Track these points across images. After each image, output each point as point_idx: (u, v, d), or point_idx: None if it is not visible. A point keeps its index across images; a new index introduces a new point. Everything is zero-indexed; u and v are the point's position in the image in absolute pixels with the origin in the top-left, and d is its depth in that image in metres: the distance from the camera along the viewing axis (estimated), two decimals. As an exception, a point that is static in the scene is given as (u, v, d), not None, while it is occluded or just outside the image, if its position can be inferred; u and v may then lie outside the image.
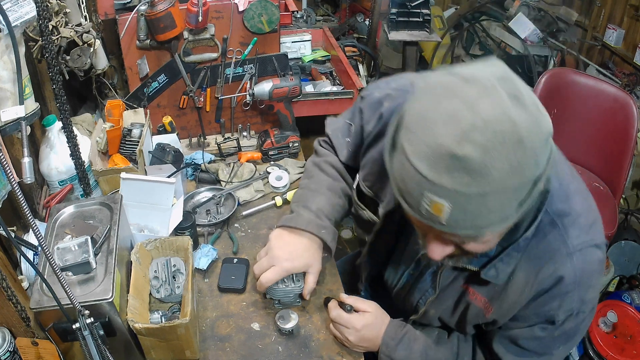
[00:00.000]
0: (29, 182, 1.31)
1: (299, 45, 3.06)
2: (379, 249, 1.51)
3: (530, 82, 4.30)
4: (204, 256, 1.85)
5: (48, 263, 1.33)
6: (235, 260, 1.86)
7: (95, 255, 1.39)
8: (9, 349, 1.25)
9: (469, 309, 1.34)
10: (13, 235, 1.44)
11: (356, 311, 1.53)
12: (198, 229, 1.98)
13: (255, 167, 2.31)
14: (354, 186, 1.54)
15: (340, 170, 1.66)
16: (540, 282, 1.18)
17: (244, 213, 2.10)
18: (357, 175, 1.54)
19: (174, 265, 1.63)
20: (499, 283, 1.23)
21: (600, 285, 1.34)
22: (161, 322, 1.56)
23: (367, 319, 1.50)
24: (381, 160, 1.20)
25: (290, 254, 1.51)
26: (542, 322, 1.24)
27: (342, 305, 1.53)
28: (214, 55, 2.26)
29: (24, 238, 1.61)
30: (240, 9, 2.17)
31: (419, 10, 2.80)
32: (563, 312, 1.20)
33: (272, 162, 2.37)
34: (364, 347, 1.53)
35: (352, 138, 1.58)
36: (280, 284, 1.57)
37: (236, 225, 2.07)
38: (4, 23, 1.20)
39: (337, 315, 1.52)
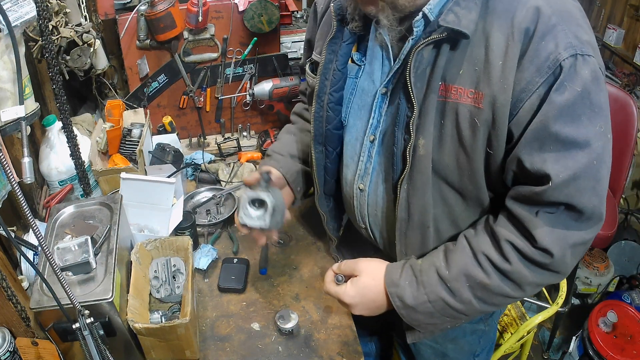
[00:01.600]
0: (29, 182, 1.31)
1: (299, 45, 3.05)
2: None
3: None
4: (204, 256, 1.85)
5: (48, 263, 1.33)
6: (235, 260, 1.86)
7: (95, 255, 1.39)
8: (9, 349, 1.25)
9: (459, 119, 1.12)
10: (13, 235, 1.44)
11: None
12: (198, 229, 1.98)
13: (255, 167, 2.31)
14: (306, 62, 1.50)
15: (298, 112, 1.77)
16: (519, 26, 1.03)
17: (244, 213, 2.10)
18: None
19: (174, 265, 1.63)
20: (468, 33, 1.05)
21: (589, 28, 1.08)
22: (161, 322, 1.56)
23: (358, 284, 1.29)
24: (330, 22, 1.31)
25: None
26: (549, 81, 1.02)
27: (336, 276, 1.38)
28: (214, 55, 2.26)
29: (24, 238, 1.62)
30: (240, 9, 2.17)
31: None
32: (564, 50, 1.00)
33: (272, 162, 2.37)
34: (375, 311, 1.32)
35: (306, 35, 1.60)
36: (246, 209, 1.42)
37: (236, 225, 2.06)
38: (4, 23, 1.20)
39: (330, 289, 1.35)
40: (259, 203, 1.36)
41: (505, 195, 1.17)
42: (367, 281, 1.29)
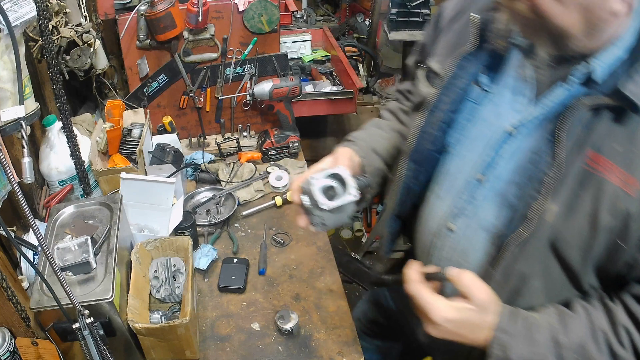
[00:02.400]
0: (29, 182, 1.31)
1: (299, 45, 3.06)
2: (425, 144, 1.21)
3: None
4: (204, 256, 1.85)
5: (48, 263, 1.33)
6: (235, 260, 1.86)
7: (95, 255, 1.39)
8: (9, 349, 1.25)
9: (601, 198, 0.97)
10: (13, 235, 1.44)
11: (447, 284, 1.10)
12: (198, 229, 1.98)
13: (255, 167, 2.31)
14: (421, 67, 1.30)
15: (393, 110, 1.53)
16: None
17: (244, 213, 2.10)
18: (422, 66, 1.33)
19: (174, 265, 1.63)
20: None
21: None
22: (161, 322, 1.56)
23: (464, 312, 1.05)
24: (461, 31, 1.18)
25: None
26: None
27: (431, 276, 1.11)
28: (214, 55, 2.26)
29: (24, 238, 1.61)
30: (240, 9, 2.17)
31: (419, 10, 2.80)
32: None
33: (272, 162, 2.37)
34: (454, 338, 1.09)
35: (423, 38, 1.39)
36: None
37: (236, 225, 2.07)
38: (4, 23, 1.20)
39: (420, 294, 1.08)
40: (332, 195, 1.14)
41: (615, 285, 1.06)
42: (474, 314, 1.05)
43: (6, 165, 0.98)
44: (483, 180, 1.12)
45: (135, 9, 2.04)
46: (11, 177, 0.97)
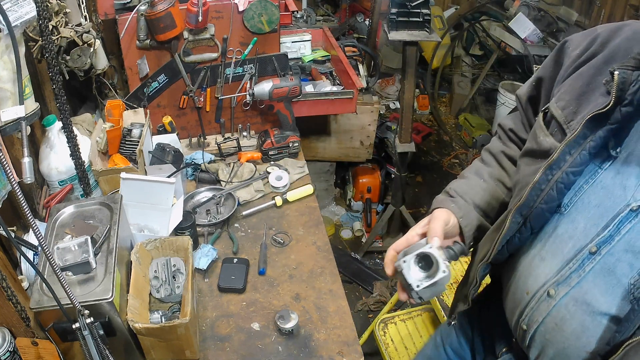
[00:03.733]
0: (29, 182, 1.31)
1: (299, 45, 3.06)
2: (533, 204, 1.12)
3: (531, 82, 4.29)
4: (204, 256, 1.85)
5: (48, 263, 1.33)
6: (235, 260, 1.86)
7: (95, 255, 1.39)
8: (9, 349, 1.25)
9: None
10: (13, 235, 1.44)
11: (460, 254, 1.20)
12: (198, 229, 1.98)
13: (255, 167, 2.31)
14: (541, 110, 1.19)
15: (495, 153, 1.42)
16: None
17: (244, 213, 2.10)
18: (543, 105, 1.22)
19: (174, 265, 1.63)
20: None
21: None
22: (161, 322, 1.56)
23: None
24: (589, 78, 1.07)
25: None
26: None
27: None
28: (214, 55, 2.26)
29: (24, 238, 1.61)
30: (240, 9, 2.17)
31: (419, 10, 2.79)
32: None
33: (272, 162, 2.37)
34: None
35: (540, 71, 1.30)
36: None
37: (236, 225, 2.07)
38: (4, 23, 1.20)
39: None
40: (426, 263, 1.14)
41: None
42: None
43: (6, 165, 0.98)
44: (596, 254, 1.02)
45: (135, 9, 2.04)
46: (11, 177, 0.97)
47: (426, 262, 1.13)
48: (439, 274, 1.10)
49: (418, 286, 1.11)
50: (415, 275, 1.12)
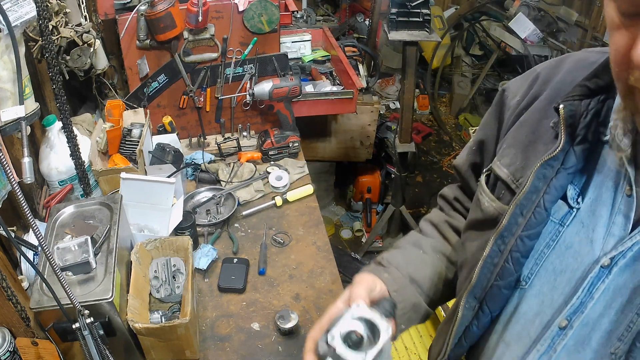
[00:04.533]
0: (29, 182, 1.31)
1: (299, 45, 3.06)
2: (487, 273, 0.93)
3: (531, 82, 4.30)
4: (204, 256, 1.85)
5: (48, 263, 1.33)
6: (235, 260, 1.86)
7: (95, 255, 1.39)
8: (9, 349, 1.25)
9: None
10: (13, 235, 1.44)
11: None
12: (198, 229, 1.98)
13: (255, 167, 2.31)
14: (483, 173, 1.00)
15: (437, 222, 1.22)
16: None
17: (244, 213, 2.10)
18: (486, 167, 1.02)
19: (174, 265, 1.63)
20: None
21: None
22: (161, 322, 1.56)
23: None
24: (534, 124, 0.91)
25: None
26: None
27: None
28: (214, 55, 2.26)
29: (24, 238, 1.61)
30: (240, 9, 2.17)
31: (419, 10, 2.79)
32: None
33: (272, 162, 2.37)
34: None
35: (480, 133, 1.10)
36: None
37: (236, 225, 2.07)
38: (4, 23, 1.20)
39: None
40: (353, 342, 0.86)
41: None
42: None
43: (6, 165, 0.98)
44: (567, 328, 0.84)
45: (135, 9, 2.04)
46: (11, 177, 0.97)
47: (352, 340, 0.86)
48: (382, 335, 0.85)
49: None
50: (353, 356, 0.83)
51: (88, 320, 1.17)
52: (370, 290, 1.01)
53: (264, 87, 2.24)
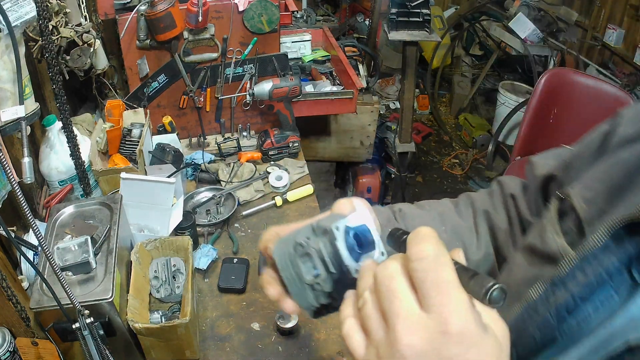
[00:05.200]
0: (29, 182, 1.31)
1: (299, 45, 3.05)
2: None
3: (530, 82, 4.31)
4: (204, 256, 1.85)
5: (48, 263, 1.33)
6: (235, 260, 1.86)
7: (95, 255, 1.39)
8: (9, 349, 1.25)
9: None
10: (13, 235, 1.44)
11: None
12: (198, 229, 1.98)
13: (255, 167, 2.31)
14: (556, 192, 0.82)
15: (476, 208, 1.03)
16: None
17: (244, 213, 2.10)
18: (557, 193, 0.83)
19: (174, 265, 1.63)
20: None
21: None
22: (161, 322, 1.56)
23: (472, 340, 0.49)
24: (635, 168, 0.74)
25: None
26: None
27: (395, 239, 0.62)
28: (214, 55, 2.26)
29: (24, 238, 1.61)
30: (240, 9, 2.17)
31: (419, 10, 2.80)
32: None
33: (272, 162, 2.37)
34: None
35: (579, 147, 0.90)
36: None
37: (236, 225, 2.07)
38: (4, 23, 1.20)
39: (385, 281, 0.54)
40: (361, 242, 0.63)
41: None
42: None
43: (6, 165, 0.98)
44: None
45: (135, 9, 2.04)
46: (11, 177, 0.97)
47: (360, 239, 0.62)
48: (377, 247, 0.62)
49: (353, 266, 0.59)
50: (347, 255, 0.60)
51: (88, 320, 1.17)
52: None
53: (264, 87, 2.24)
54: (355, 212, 0.66)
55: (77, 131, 1.85)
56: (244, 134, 2.49)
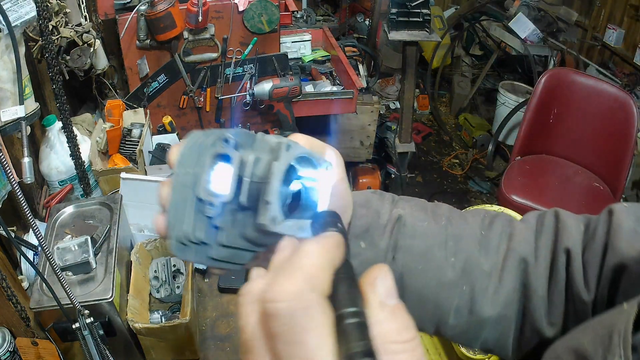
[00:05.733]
0: (29, 182, 1.31)
1: (299, 45, 3.06)
2: None
3: (530, 82, 4.30)
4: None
5: (48, 263, 1.33)
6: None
7: (95, 255, 1.39)
8: (9, 349, 1.25)
9: None
10: (13, 235, 1.44)
11: None
12: (198, 229, 1.98)
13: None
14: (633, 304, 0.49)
15: (516, 242, 0.66)
16: None
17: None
18: None
19: (174, 265, 1.63)
20: None
21: None
22: (161, 322, 1.56)
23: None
24: None
25: None
26: None
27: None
28: (214, 55, 2.26)
29: (24, 238, 1.61)
30: (240, 9, 2.17)
31: (419, 10, 2.79)
32: None
33: (272, 162, 2.37)
34: None
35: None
36: None
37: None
38: (4, 23, 1.20)
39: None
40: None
41: None
42: None
43: (6, 165, 0.98)
44: None
45: (135, 9, 2.04)
46: (11, 177, 0.97)
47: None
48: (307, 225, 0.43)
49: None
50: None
51: (88, 320, 1.17)
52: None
53: (264, 87, 2.24)
54: (325, 164, 0.46)
55: (77, 131, 1.85)
56: (244, 134, 2.49)
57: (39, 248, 1.53)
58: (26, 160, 1.31)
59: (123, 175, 1.77)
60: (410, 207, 0.68)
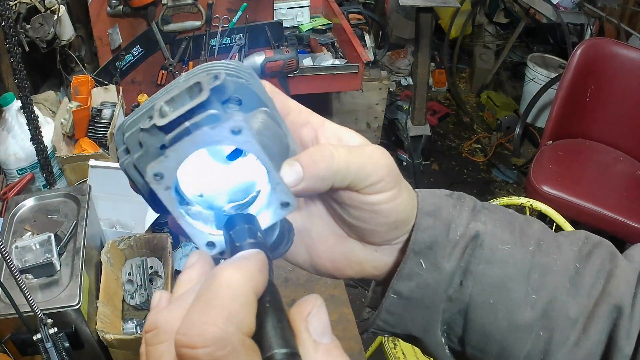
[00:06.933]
0: (-19, 170, 1.30)
1: (295, 11, 3.04)
2: None
3: (564, 54, 4.29)
4: (186, 256, 1.85)
5: (5, 264, 1.32)
6: (222, 260, 1.86)
7: (60, 255, 1.38)
8: (-40, 364, 1.25)
9: None
10: (-36, 233, 1.44)
11: None
12: (179, 225, 1.98)
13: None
14: None
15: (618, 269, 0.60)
16: None
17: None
18: None
19: (151, 267, 1.63)
20: None
21: None
22: (136, 332, 1.56)
23: None
24: None
25: None
26: None
27: None
28: (197, 23, 2.25)
29: (-22, 235, 1.61)
30: (228, -31, 2.16)
31: (435, -29, 2.79)
32: None
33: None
34: None
35: None
36: None
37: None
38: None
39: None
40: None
41: None
42: None
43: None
44: None
45: (105, -31, 2.03)
46: (-40, 165, 0.96)
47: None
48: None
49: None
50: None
51: (51, 331, 1.17)
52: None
53: (256, 60, 2.23)
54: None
55: (39, 111, 1.84)
56: (232, 114, 2.49)
57: (-5, 247, 1.52)
58: (-22, 146, 1.30)
59: (92, 162, 1.77)
60: (492, 223, 0.62)
